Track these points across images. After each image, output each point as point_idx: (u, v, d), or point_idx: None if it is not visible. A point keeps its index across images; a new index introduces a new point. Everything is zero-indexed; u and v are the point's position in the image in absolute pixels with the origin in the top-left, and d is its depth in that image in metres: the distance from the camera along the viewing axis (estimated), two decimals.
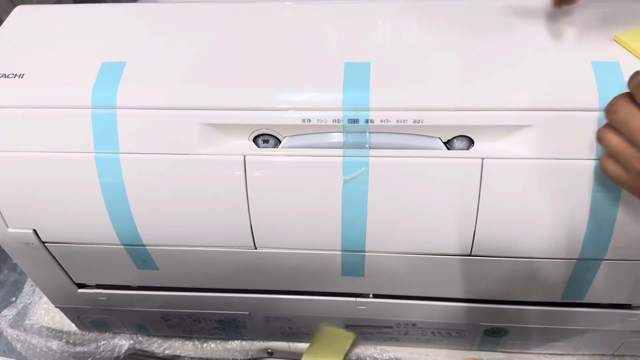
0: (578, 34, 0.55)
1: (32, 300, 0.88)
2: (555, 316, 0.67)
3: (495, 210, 0.54)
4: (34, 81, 0.55)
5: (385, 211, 0.55)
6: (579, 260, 0.57)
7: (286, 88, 0.53)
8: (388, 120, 0.52)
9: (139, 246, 0.60)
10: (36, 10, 0.63)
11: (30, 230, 0.60)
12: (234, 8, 0.62)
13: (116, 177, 0.55)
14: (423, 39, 0.56)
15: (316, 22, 0.59)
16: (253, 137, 0.55)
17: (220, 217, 0.57)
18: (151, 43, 0.58)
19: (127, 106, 0.53)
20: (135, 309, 0.73)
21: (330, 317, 0.71)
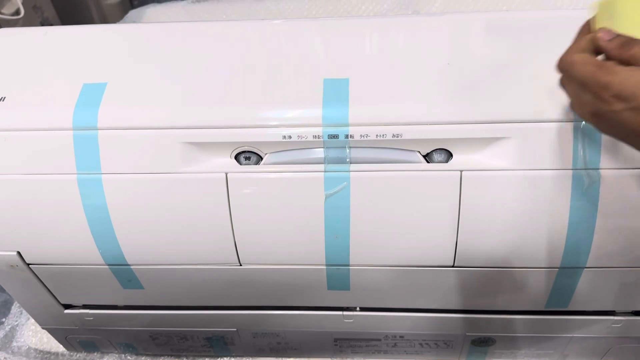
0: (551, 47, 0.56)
1: (20, 321, 0.88)
2: (541, 324, 0.67)
3: (476, 221, 0.55)
4: (15, 104, 0.55)
5: (367, 225, 0.56)
6: (560, 268, 0.58)
7: (266, 105, 0.54)
8: (367, 135, 0.53)
9: (124, 266, 0.60)
10: (17, 33, 0.64)
11: (15, 252, 0.60)
12: (213, 28, 0.63)
13: (99, 197, 0.55)
14: (400, 55, 0.57)
15: (295, 39, 0.60)
16: (235, 154, 0.55)
17: (204, 235, 0.57)
18: (132, 63, 0.58)
19: (108, 127, 0.54)
20: (122, 328, 0.73)
21: (318, 331, 0.71)
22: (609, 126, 0.42)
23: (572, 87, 0.44)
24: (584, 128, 0.51)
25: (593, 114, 0.43)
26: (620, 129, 0.42)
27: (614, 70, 0.41)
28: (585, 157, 0.51)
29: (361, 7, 1.01)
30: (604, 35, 0.44)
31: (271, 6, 1.05)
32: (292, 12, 1.03)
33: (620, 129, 0.41)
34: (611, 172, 0.51)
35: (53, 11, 1.45)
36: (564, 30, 0.57)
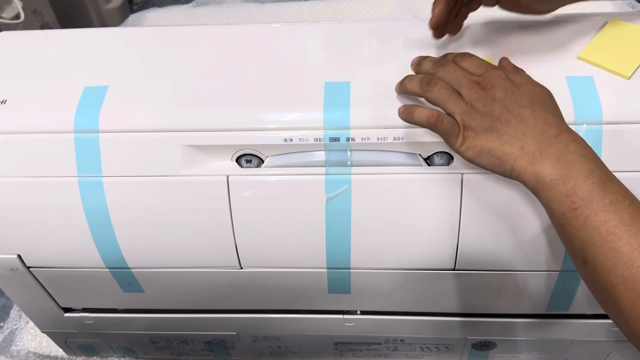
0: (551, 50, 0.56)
1: (19, 325, 0.87)
2: (541, 328, 0.67)
3: (477, 224, 0.55)
4: (16, 107, 0.55)
5: (368, 228, 0.56)
6: (561, 272, 0.58)
7: (268, 108, 0.54)
8: (369, 138, 0.53)
9: (124, 269, 0.60)
10: (19, 37, 0.64)
11: (15, 255, 0.60)
12: (214, 31, 0.63)
13: (100, 200, 0.55)
14: (401, 58, 0.57)
15: (296, 43, 0.60)
16: (236, 157, 0.55)
17: (204, 238, 0.57)
18: (133, 66, 0.58)
19: (109, 130, 0.54)
20: (122, 332, 0.73)
21: (319, 334, 0.71)
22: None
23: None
24: (585, 131, 0.51)
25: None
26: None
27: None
28: None
29: (362, 11, 1.02)
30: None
31: (272, 10, 1.06)
32: (293, 15, 1.03)
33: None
34: None
35: (53, 15, 1.45)
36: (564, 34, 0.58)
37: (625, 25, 0.56)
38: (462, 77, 0.49)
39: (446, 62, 0.51)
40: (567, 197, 0.43)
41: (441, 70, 0.50)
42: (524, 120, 0.46)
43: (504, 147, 0.46)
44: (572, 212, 0.43)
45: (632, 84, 0.52)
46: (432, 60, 0.52)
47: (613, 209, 0.41)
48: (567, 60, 0.55)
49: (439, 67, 0.51)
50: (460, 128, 0.48)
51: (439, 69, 0.50)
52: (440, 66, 0.51)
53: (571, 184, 0.43)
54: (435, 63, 0.51)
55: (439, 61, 0.52)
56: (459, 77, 0.49)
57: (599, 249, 0.41)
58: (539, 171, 0.44)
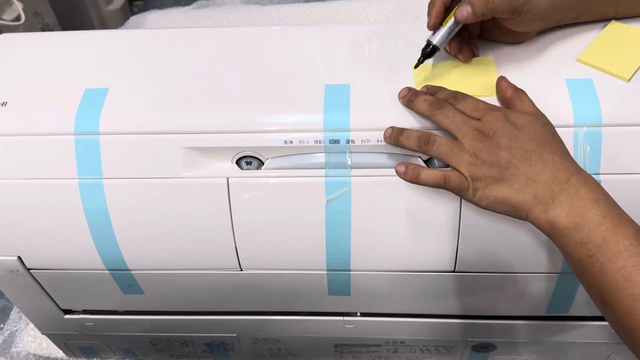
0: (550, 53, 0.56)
1: (19, 327, 0.87)
2: (541, 330, 0.67)
3: (477, 226, 0.55)
4: (16, 109, 0.56)
5: (368, 230, 0.56)
6: (560, 274, 0.58)
7: (268, 110, 0.54)
8: (368, 140, 0.53)
9: (124, 271, 0.60)
10: (20, 39, 0.64)
11: (15, 257, 0.60)
12: (215, 34, 0.63)
13: (100, 202, 0.55)
14: (401, 60, 0.57)
15: (296, 45, 0.60)
16: (236, 159, 0.55)
17: (204, 240, 0.57)
18: (133, 69, 0.59)
19: (109, 132, 0.54)
20: (122, 334, 0.73)
21: (319, 336, 0.71)
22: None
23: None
24: (585, 134, 0.51)
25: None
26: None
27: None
28: (586, 162, 0.51)
29: (362, 14, 1.02)
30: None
31: (272, 12, 1.06)
32: (293, 18, 1.03)
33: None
34: (611, 177, 0.51)
35: (54, 17, 1.46)
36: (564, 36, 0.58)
37: (624, 28, 0.56)
38: (462, 123, 0.47)
39: (442, 106, 0.49)
40: (582, 245, 0.43)
41: (438, 115, 0.49)
42: (532, 166, 0.45)
43: (518, 196, 0.45)
44: (588, 259, 0.43)
45: (631, 86, 0.52)
46: (427, 101, 0.50)
47: (627, 255, 0.41)
48: (566, 62, 0.55)
49: (436, 111, 0.49)
50: (469, 181, 0.47)
51: (435, 113, 0.49)
52: (436, 109, 0.49)
53: (585, 231, 0.43)
54: (430, 105, 0.50)
55: (433, 104, 0.49)
56: (458, 124, 0.48)
57: (616, 295, 0.42)
58: (553, 219, 0.44)
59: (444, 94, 0.51)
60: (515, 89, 0.51)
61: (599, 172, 0.51)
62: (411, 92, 0.52)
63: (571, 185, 0.44)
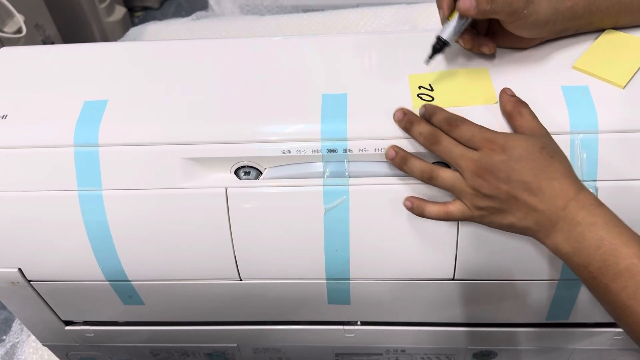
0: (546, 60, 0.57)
1: (21, 338, 0.88)
2: (542, 337, 0.67)
3: (475, 234, 0.55)
4: (16, 121, 0.56)
5: (367, 238, 0.56)
6: (560, 280, 0.58)
7: (265, 120, 0.55)
8: (366, 149, 0.53)
9: (124, 282, 0.60)
10: (20, 52, 0.65)
11: (16, 269, 0.60)
12: (213, 45, 0.63)
13: (99, 213, 0.55)
14: (398, 69, 0.57)
15: (293, 56, 0.61)
16: (234, 169, 0.55)
17: (204, 250, 0.57)
18: (132, 80, 0.59)
19: (109, 143, 0.54)
20: (123, 345, 0.73)
21: (319, 345, 0.71)
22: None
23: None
24: (581, 141, 0.51)
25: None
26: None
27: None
28: (582, 169, 0.51)
29: (359, 23, 1.02)
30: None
31: (271, 22, 1.07)
32: (291, 28, 1.04)
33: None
34: (608, 184, 0.52)
35: (55, 29, 1.46)
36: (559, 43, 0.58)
37: (620, 35, 0.57)
38: (460, 157, 0.48)
39: (438, 140, 0.49)
40: (584, 268, 0.45)
41: (437, 151, 0.50)
42: (532, 196, 0.46)
43: (521, 223, 0.47)
44: (592, 280, 0.45)
45: (626, 93, 0.52)
46: (422, 134, 0.50)
47: (629, 274, 0.42)
48: (562, 70, 0.55)
49: (432, 147, 0.50)
50: (472, 210, 0.49)
51: (432, 149, 0.50)
52: (432, 144, 0.50)
53: (584, 255, 0.44)
54: (426, 140, 0.50)
55: (429, 139, 0.50)
56: (456, 158, 0.48)
57: (623, 312, 0.43)
58: (556, 244, 0.46)
59: (439, 119, 0.51)
60: (516, 103, 0.51)
61: (596, 179, 0.51)
62: (406, 118, 0.51)
63: (568, 212, 0.45)
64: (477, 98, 0.54)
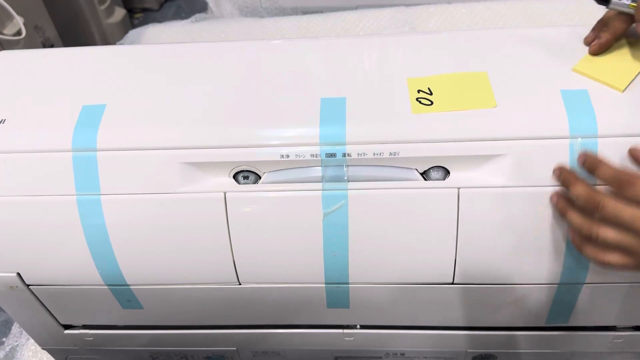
0: (547, 63, 0.56)
1: (20, 342, 0.87)
2: (542, 340, 0.67)
3: (474, 238, 0.55)
4: (14, 126, 0.56)
5: (366, 242, 0.56)
6: (559, 284, 0.57)
7: (264, 125, 0.54)
8: (365, 154, 0.53)
9: (123, 286, 0.60)
10: (18, 56, 0.65)
11: (14, 273, 0.60)
12: (212, 48, 0.63)
13: (98, 218, 0.55)
14: (397, 73, 0.57)
15: (292, 59, 0.61)
16: (233, 173, 0.55)
17: (203, 254, 0.57)
18: (131, 85, 0.59)
19: (107, 148, 0.54)
20: (122, 348, 0.73)
21: (319, 349, 0.71)
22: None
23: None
24: (580, 145, 0.51)
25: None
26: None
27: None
28: (582, 173, 0.51)
29: (358, 25, 1.02)
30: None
31: (270, 24, 1.07)
32: (291, 30, 1.04)
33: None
34: (606, 187, 0.51)
35: (54, 31, 1.46)
36: (559, 46, 0.58)
37: (620, 39, 0.57)
38: (633, 220, 0.44)
39: (603, 203, 0.46)
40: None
41: (601, 217, 0.46)
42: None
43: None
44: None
45: (626, 96, 0.52)
46: (580, 198, 0.47)
47: None
48: (561, 73, 0.55)
49: (596, 214, 0.46)
50: (635, 261, 0.46)
51: (596, 215, 0.47)
52: (596, 210, 0.46)
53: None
54: (587, 205, 0.47)
55: (591, 202, 0.46)
56: (629, 222, 0.44)
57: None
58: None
59: (606, 177, 0.47)
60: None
61: (596, 184, 0.51)
62: (562, 177, 0.49)
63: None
64: (476, 102, 0.54)
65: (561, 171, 0.50)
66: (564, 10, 1.02)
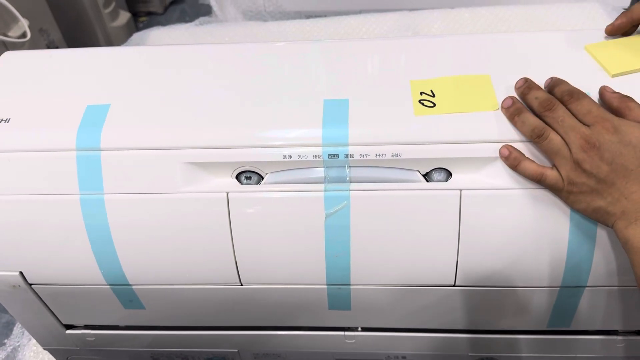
0: (549, 66, 0.57)
1: (22, 342, 0.87)
2: (543, 344, 0.67)
3: (476, 240, 0.55)
4: (19, 125, 0.56)
5: (368, 244, 0.56)
6: (562, 287, 0.57)
7: (267, 126, 0.55)
8: (367, 155, 0.53)
9: (125, 286, 0.60)
10: (23, 56, 0.65)
11: (17, 272, 0.61)
12: (215, 50, 0.64)
13: (101, 217, 0.55)
14: (400, 76, 0.57)
15: (295, 61, 0.61)
16: (236, 174, 0.55)
17: (205, 255, 0.57)
18: (134, 85, 0.59)
19: (111, 148, 0.54)
20: (123, 349, 0.73)
21: (320, 351, 0.71)
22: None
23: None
24: None
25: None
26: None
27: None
28: None
29: (361, 29, 1.03)
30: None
31: (273, 28, 1.07)
32: (294, 34, 1.04)
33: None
34: None
35: (59, 34, 1.47)
36: (562, 50, 0.59)
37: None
38: (570, 129, 0.48)
39: (553, 107, 0.50)
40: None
41: (547, 117, 0.50)
42: (628, 185, 0.47)
43: (609, 207, 0.48)
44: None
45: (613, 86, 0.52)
46: (537, 99, 0.51)
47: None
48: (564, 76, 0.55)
49: (545, 112, 0.50)
50: (565, 183, 0.49)
51: (544, 115, 0.50)
52: (546, 110, 0.50)
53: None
54: (541, 105, 0.50)
55: (544, 104, 0.50)
56: (567, 129, 0.49)
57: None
58: (629, 237, 0.46)
59: (562, 89, 0.51)
60: (621, 98, 0.51)
61: None
62: (526, 84, 0.52)
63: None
64: (479, 104, 0.54)
65: (525, 80, 0.53)
66: (567, 16, 1.02)
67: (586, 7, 1.02)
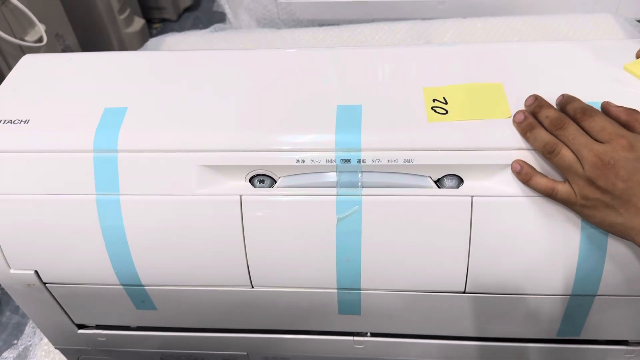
0: (561, 76, 0.57)
1: (33, 342, 0.88)
2: (553, 353, 0.66)
3: (487, 247, 0.55)
4: (38, 127, 0.57)
5: (379, 249, 0.56)
6: (572, 296, 0.57)
7: (281, 130, 0.55)
8: (379, 160, 0.54)
9: (138, 286, 0.61)
10: (42, 59, 0.66)
11: (32, 271, 0.61)
12: (231, 56, 0.65)
13: (116, 218, 0.56)
14: (412, 83, 0.58)
15: (309, 67, 0.62)
16: (249, 177, 0.56)
17: (217, 257, 0.58)
18: (151, 89, 0.60)
19: (127, 149, 0.55)
20: (134, 350, 0.74)
21: (329, 356, 0.71)
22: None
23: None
24: None
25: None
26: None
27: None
28: None
29: (374, 37, 1.03)
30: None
31: (287, 35, 1.08)
32: (307, 42, 1.05)
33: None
34: None
35: (74, 39, 1.49)
36: (574, 59, 0.59)
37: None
38: (584, 147, 0.48)
39: (564, 125, 0.50)
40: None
41: (561, 135, 0.50)
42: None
43: (625, 222, 0.47)
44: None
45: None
46: (548, 118, 0.51)
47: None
48: (577, 87, 0.55)
49: (557, 131, 0.50)
50: (578, 197, 0.49)
51: (559, 133, 0.50)
52: (559, 129, 0.50)
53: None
54: (552, 124, 0.50)
55: (555, 122, 0.50)
56: (579, 146, 0.48)
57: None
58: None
59: (574, 107, 0.51)
60: (628, 112, 0.50)
61: None
62: (536, 102, 0.52)
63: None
64: (491, 112, 0.54)
65: (535, 98, 0.53)
66: (579, 27, 1.02)
67: (599, 18, 1.02)
